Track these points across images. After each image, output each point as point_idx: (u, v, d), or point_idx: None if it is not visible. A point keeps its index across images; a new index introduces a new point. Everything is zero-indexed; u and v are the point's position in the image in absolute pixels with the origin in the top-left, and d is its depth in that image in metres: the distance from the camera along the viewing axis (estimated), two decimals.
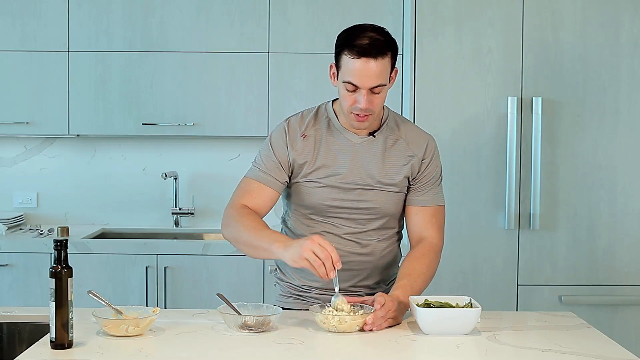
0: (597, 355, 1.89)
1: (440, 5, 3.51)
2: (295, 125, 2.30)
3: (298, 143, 2.27)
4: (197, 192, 4.17)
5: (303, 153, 2.27)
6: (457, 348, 1.95)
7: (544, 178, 3.52)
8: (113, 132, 3.89)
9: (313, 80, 3.81)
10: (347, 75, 2.13)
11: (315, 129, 2.29)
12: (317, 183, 2.27)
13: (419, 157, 2.30)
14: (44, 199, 4.18)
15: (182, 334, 2.02)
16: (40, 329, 2.15)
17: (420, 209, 2.32)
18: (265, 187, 2.27)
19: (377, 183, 2.27)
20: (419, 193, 2.32)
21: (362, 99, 2.14)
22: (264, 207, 2.28)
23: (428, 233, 2.32)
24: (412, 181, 2.31)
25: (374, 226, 2.32)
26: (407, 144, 2.30)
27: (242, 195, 2.28)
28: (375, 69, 2.11)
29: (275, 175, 2.27)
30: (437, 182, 2.35)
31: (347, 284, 2.31)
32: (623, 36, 3.52)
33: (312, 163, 2.26)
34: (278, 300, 2.42)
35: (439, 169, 2.36)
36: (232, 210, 2.26)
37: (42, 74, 3.83)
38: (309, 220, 2.32)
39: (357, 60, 2.10)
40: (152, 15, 3.82)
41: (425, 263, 2.26)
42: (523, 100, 3.51)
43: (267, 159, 2.28)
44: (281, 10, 3.81)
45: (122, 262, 3.61)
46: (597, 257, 3.55)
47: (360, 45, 2.10)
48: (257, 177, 2.28)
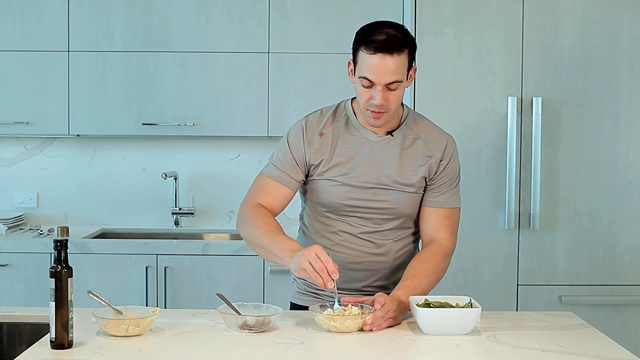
0: (597, 355, 1.89)
1: (440, 5, 3.51)
2: (313, 123, 2.29)
3: (315, 141, 2.26)
4: (197, 192, 4.17)
5: (320, 151, 2.26)
6: (457, 348, 1.95)
7: (544, 178, 3.52)
8: (113, 132, 3.89)
9: (313, 80, 3.81)
10: (364, 70, 2.12)
11: (333, 127, 2.28)
12: (333, 181, 2.26)
13: (437, 158, 2.28)
14: (44, 199, 4.18)
15: (182, 334, 2.02)
16: (40, 329, 2.15)
17: (434, 210, 2.30)
18: (281, 186, 2.27)
19: (394, 183, 2.26)
20: (435, 194, 2.29)
21: (377, 95, 2.12)
22: (279, 205, 2.29)
23: (440, 235, 2.30)
24: (428, 182, 2.29)
25: (390, 226, 2.31)
26: (426, 143, 2.28)
27: (258, 193, 2.29)
28: (391, 65, 2.09)
29: (291, 174, 2.27)
30: (453, 184, 2.32)
31: (361, 283, 2.32)
32: (623, 36, 3.52)
33: (328, 161, 2.26)
34: (294, 297, 2.43)
35: (457, 170, 2.33)
36: (246, 209, 2.27)
37: (42, 74, 3.83)
38: (325, 218, 2.32)
39: (373, 56, 2.10)
40: (152, 15, 3.82)
41: (432, 265, 2.24)
42: (523, 100, 3.51)
43: (284, 157, 2.28)
44: (281, 10, 3.81)
45: (122, 262, 3.61)
46: (597, 257, 3.55)
47: (376, 40, 2.09)
48: (273, 175, 2.28)
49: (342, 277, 2.30)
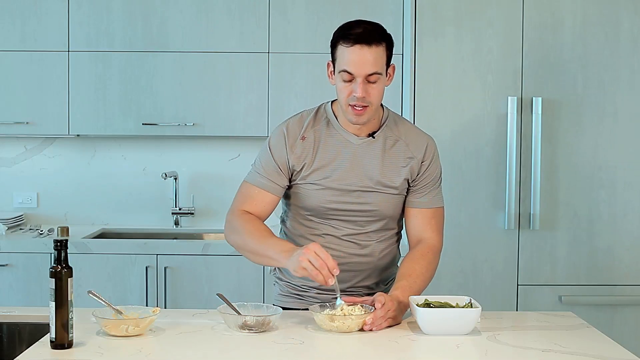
0: (597, 355, 1.89)
1: (440, 6, 3.51)
2: (294, 127, 2.29)
3: (297, 146, 2.26)
4: (197, 192, 4.17)
5: (302, 156, 2.26)
6: (457, 348, 1.95)
7: (544, 178, 3.52)
8: (113, 132, 3.89)
9: (313, 80, 3.81)
10: (343, 64, 2.14)
11: (315, 130, 2.28)
12: (315, 185, 2.26)
13: (419, 159, 2.29)
14: (44, 199, 4.18)
15: (182, 334, 2.02)
16: (40, 329, 2.15)
17: (419, 210, 2.32)
18: (266, 193, 2.28)
19: (377, 184, 2.27)
20: (418, 195, 2.31)
21: (357, 88, 2.14)
22: (265, 212, 2.30)
23: (427, 235, 2.32)
24: (411, 183, 2.30)
25: (374, 228, 2.32)
26: (407, 145, 2.30)
27: (243, 202, 2.30)
28: (369, 56, 2.12)
29: (275, 180, 2.27)
30: (436, 184, 2.34)
31: (346, 284, 2.32)
32: (623, 36, 3.52)
33: (310, 165, 2.26)
34: (277, 300, 2.43)
35: (438, 171, 2.35)
36: (234, 217, 2.29)
37: (42, 74, 3.83)
38: (308, 222, 2.32)
39: (352, 48, 2.12)
40: (152, 15, 3.82)
41: (424, 264, 2.26)
42: (523, 100, 3.51)
43: (266, 163, 2.28)
44: (281, 10, 3.81)
45: (122, 262, 3.61)
46: (597, 257, 3.55)
47: (354, 33, 2.13)
48: (257, 182, 2.29)
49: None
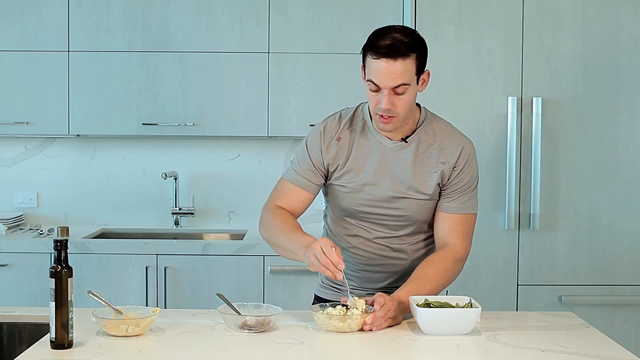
0: (597, 355, 1.89)
1: (440, 5, 3.51)
2: (331, 127, 2.28)
3: (332, 147, 2.26)
4: (197, 192, 4.17)
5: (336, 157, 2.26)
6: (457, 348, 1.95)
7: (544, 178, 3.52)
8: (113, 132, 3.89)
9: (313, 80, 3.81)
10: (370, 74, 2.13)
11: (350, 131, 2.28)
12: (347, 187, 2.27)
13: (451, 165, 2.24)
14: (44, 199, 4.18)
15: (182, 334, 2.02)
16: (40, 329, 2.15)
17: (446, 215, 2.27)
18: (300, 190, 2.28)
19: (409, 189, 2.24)
20: (447, 199, 2.27)
21: (383, 100, 2.12)
22: (298, 208, 2.31)
23: (452, 241, 2.27)
24: (442, 187, 2.27)
25: (406, 232, 2.31)
26: (441, 150, 2.25)
27: (278, 197, 2.32)
28: (395, 70, 2.08)
29: (310, 178, 2.28)
30: (467, 190, 2.28)
31: (381, 284, 2.33)
32: (623, 36, 3.52)
33: (343, 166, 2.26)
34: (318, 290, 2.46)
35: (473, 176, 2.29)
36: (266, 211, 2.30)
37: (42, 74, 3.83)
38: (342, 221, 2.34)
39: (378, 61, 2.09)
40: (152, 15, 3.82)
41: (440, 269, 2.21)
42: (523, 100, 3.51)
43: (302, 161, 2.30)
44: (281, 10, 3.81)
45: (122, 262, 3.61)
46: (597, 257, 3.55)
47: (381, 45, 2.09)
48: (292, 179, 2.30)
49: (362, 277, 2.34)
